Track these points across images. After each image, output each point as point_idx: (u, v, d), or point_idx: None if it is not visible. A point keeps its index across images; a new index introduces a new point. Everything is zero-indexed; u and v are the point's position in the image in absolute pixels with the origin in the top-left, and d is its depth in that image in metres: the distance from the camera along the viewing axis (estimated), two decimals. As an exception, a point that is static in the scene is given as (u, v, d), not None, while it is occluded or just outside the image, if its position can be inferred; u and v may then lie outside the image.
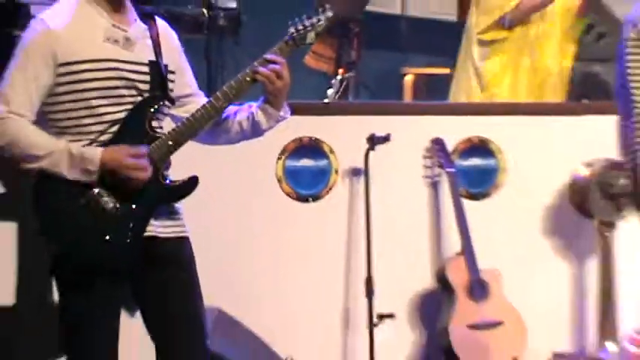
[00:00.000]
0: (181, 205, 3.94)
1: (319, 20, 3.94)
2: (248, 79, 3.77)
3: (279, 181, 6.17)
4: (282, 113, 3.92)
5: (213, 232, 5.16)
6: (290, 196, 6.22)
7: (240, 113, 3.94)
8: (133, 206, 3.72)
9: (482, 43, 7.49)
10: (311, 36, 3.94)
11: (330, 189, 6.27)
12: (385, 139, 6.03)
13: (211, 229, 5.05)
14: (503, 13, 7.36)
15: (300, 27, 3.90)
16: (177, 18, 5.08)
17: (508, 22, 7.39)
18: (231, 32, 7.40)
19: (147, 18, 3.89)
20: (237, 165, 5.54)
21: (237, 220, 6.02)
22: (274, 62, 3.75)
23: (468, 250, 6.09)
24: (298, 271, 6.23)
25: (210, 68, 5.95)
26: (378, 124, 6.20)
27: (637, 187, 4.45)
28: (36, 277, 4.53)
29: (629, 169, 4.49)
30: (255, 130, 3.96)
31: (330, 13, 3.89)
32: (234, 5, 7.51)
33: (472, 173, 6.49)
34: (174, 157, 3.83)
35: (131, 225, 3.73)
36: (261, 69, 3.74)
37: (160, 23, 3.96)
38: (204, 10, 7.15)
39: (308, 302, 6.25)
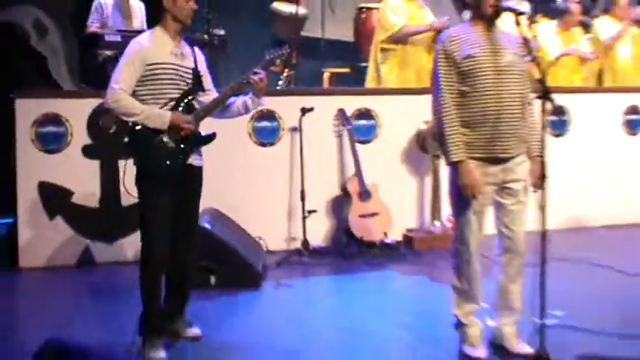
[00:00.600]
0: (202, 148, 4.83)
1: (282, 54, 5.28)
2: (244, 82, 4.81)
3: (249, 134, 7.28)
4: (262, 102, 4.98)
5: (214, 163, 5.43)
6: (256, 144, 7.33)
7: (238, 101, 4.92)
8: (182, 146, 4.64)
9: (381, 50, 8.13)
10: (277, 62, 5.24)
11: (280, 139, 7.38)
12: (311, 109, 7.14)
13: (213, 162, 5.27)
14: (392, 32, 7.99)
15: (272, 56, 5.20)
16: (195, 42, 5.34)
17: (395, 39, 8.02)
18: (221, 50, 8.10)
19: (188, 42, 4.85)
20: (229, 127, 5.78)
21: (228, 155, 6.94)
22: (259, 73, 4.79)
23: (358, 173, 7.14)
24: (262, 186, 7.29)
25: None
26: (308, 101, 7.26)
27: (437, 136, 4.82)
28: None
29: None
30: (246, 111, 5.03)
31: (286, 48, 5.22)
32: (222, 33, 8.13)
33: (361, 129, 7.55)
34: (202, 122, 4.75)
35: (180, 156, 4.65)
36: (253, 77, 4.77)
37: (195, 47, 4.94)
38: (205, 36, 7.83)
39: (269, 204, 7.30)
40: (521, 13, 4.48)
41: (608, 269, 6.64)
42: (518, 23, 4.40)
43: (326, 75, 9.67)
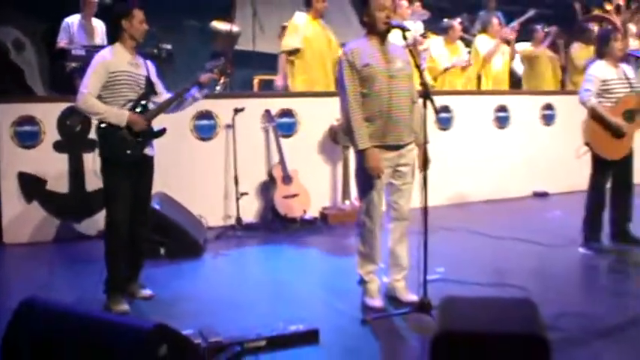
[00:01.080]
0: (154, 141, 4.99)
1: (218, 64, 5.25)
2: (192, 84, 5.04)
3: (191, 131, 7.28)
4: (206, 92, 5.19)
5: (164, 155, 5.41)
6: (197, 138, 7.32)
7: (188, 97, 5.12)
8: (139, 139, 4.81)
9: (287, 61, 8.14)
10: (215, 70, 5.30)
11: (217, 134, 7.36)
12: (242, 109, 7.16)
13: (163, 153, 5.29)
14: (284, 50, 8.07)
15: (211, 66, 5.20)
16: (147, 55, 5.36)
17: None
18: (169, 62, 8.05)
19: (141, 55, 5.00)
20: (175, 124, 5.83)
21: (175, 148, 6.88)
22: (206, 75, 5.08)
23: (282, 161, 7.22)
24: (203, 173, 7.28)
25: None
26: (240, 103, 7.27)
27: (346, 130, 4.87)
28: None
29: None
30: (195, 101, 5.20)
31: (222, 60, 5.29)
32: (169, 47, 8.13)
33: (284, 125, 7.58)
34: (155, 120, 4.91)
35: (137, 147, 4.84)
36: (203, 77, 5.03)
37: (147, 59, 5.11)
38: (155, 50, 7.82)
39: (208, 188, 7.30)
40: (407, 30, 4.64)
41: (482, 235, 6.88)
42: (405, 38, 4.55)
43: (256, 81, 9.72)
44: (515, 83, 10.54)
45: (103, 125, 4.76)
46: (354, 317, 4.61)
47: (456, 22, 9.67)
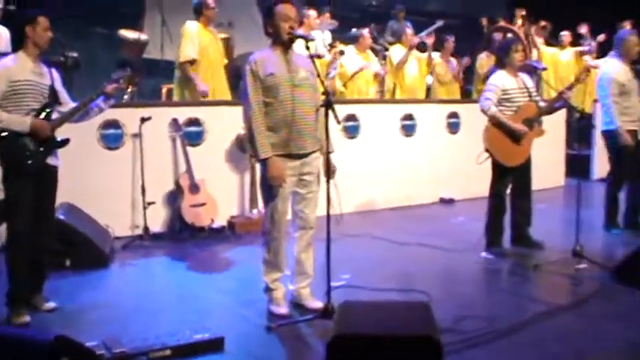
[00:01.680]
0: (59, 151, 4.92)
1: (125, 74, 5.22)
2: (98, 94, 4.97)
3: (98, 140, 7.12)
4: (111, 102, 5.10)
5: (70, 165, 5.39)
6: (104, 148, 7.16)
7: (94, 107, 5.05)
8: (41, 148, 4.73)
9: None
10: (121, 80, 5.27)
11: (124, 143, 7.24)
12: (149, 118, 7.07)
13: (69, 163, 5.26)
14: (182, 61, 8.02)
15: (117, 76, 5.23)
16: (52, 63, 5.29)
17: None
18: (75, 69, 8.11)
19: (46, 63, 4.91)
20: (81, 134, 5.90)
21: (81, 158, 6.73)
22: (111, 86, 4.97)
23: (189, 170, 7.16)
24: (110, 182, 7.13)
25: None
26: (147, 112, 7.18)
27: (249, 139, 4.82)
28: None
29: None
30: (100, 112, 5.12)
31: (128, 70, 5.28)
32: (76, 55, 8.15)
33: (192, 134, 7.52)
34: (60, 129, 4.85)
35: (40, 156, 4.74)
36: (108, 88, 5.02)
37: (52, 68, 4.98)
38: (62, 58, 7.81)
39: (115, 198, 7.16)
40: (311, 40, 4.71)
41: (388, 241, 7.00)
42: (307, 48, 4.59)
43: (164, 90, 9.63)
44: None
45: (3, 134, 4.65)
46: (259, 325, 4.64)
47: (365, 32, 9.84)
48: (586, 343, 4.39)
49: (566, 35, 12.48)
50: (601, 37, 12.18)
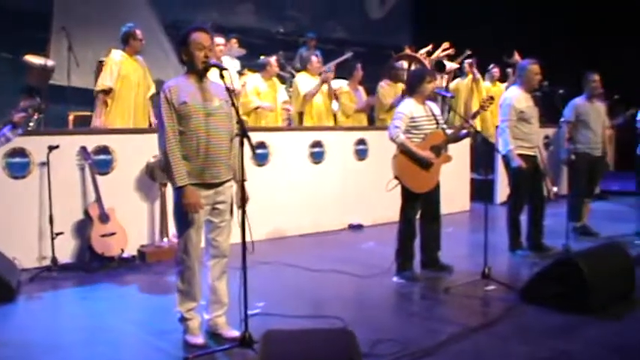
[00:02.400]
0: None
1: (33, 104, 5.23)
2: (5, 123, 4.98)
3: (3, 169, 6.90)
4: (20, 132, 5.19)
5: None
6: (9, 177, 6.94)
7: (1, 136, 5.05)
8: None
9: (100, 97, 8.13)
10: (30, 110, 5.22)
11: (31, 172, 7.02)
12: (57, 147, 6.89)
13: None
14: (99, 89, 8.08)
15: (26, 105, 5.22)
16: None
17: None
18: None
19: None
20: None
21: None
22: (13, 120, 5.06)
23: (98, 199, 7.03)
24: (16, 213, 6.93)
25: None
26: (54, 140, 6.99)
27: (164, 167, 4.73)
28: None
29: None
30: (7, 141, 5.20)
31: (38, 100, 5.21)
32: None
33: (101, 162, 7.36)
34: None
35: None
36: (16, 117, 5.05)
37: None
38: None
39: (22, 228, 6.95)
40: (225, 69, 4.65)
41: (300, 268, 7.00)
42: (222, 76, 4.57)
43: (71, 117, 9.45)
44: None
45: None
46: (175, 356, 4.56)
47: (273, 59, 9.88)
48: (499, 363, 4.48)
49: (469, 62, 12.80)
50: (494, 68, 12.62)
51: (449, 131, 6.78)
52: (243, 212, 4.45)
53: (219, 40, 8.71)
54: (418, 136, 6.52)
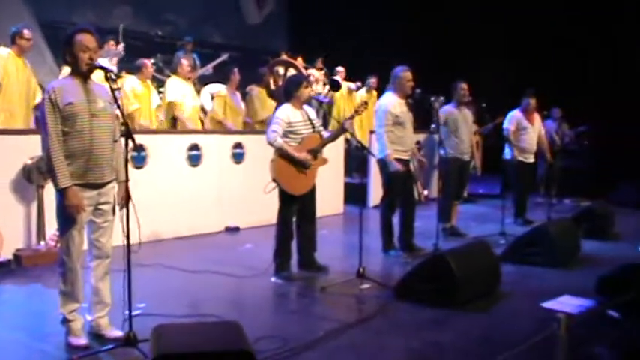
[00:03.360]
0: None
1: None
2: None
3: None
4: None
5: None
6: None
7: None
8: None
9: None
10: None
11: None
12: None
13: None
14: None
15: None
16: None
17: None
18: None
19: None
20: None
21: None
22: None
23: None
24: None
25: None
26: None
27: (47, 168, 4.79)
28: None
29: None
30: None
31: None
32: None
33: None
34: None
35: None
36: None
37: None
38: None
39: None
40: (110, 71, 4.70)
41: (178, 270, 7.06)
42: (107, 78, 4.61)
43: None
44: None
45: None
46: (59, 358, 4.56)
47: (149, 62, 9.91)
48: (375, 355, 4.75)
49: (340, 72, 13.20)
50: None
51: (325, 135, 7.01)
52: (128, 212, 4.52)
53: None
54: (295, 140, 6.70)
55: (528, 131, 10.21)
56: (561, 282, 6.75)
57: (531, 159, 10.38)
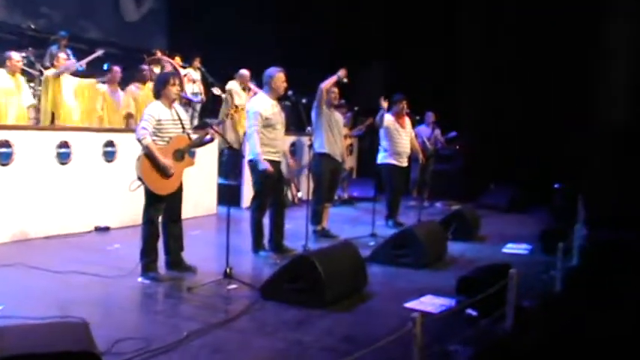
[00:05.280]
0: None
1: None
2: None
3: None
4: None
5: None
6: None
7: None
8: None
9: None
10: None
11: None
12: None
13: None
14: None
15: None
16: None
17: None
18: None
19: None
20: None
21: None
22: None
23: None
24: None
25: None
26: None
27: None
28: None
29: None
30: None
31: None
32: None
33: None
34: None
35: None
36: None
37: None
38: None
39: None
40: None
41: (43, 270, 6.85)
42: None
43: None
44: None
45: None
46: None
47: (16, 54, 9.63)
48: (237, 355, 4.77)
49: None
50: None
51: (194, 136, 6.98)
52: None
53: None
54: (163, 139, 6.65)
55: (401, 134, 10.38)
56: (427, 282, 6.93)
57: (405, 162, 10.54)
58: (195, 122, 11.75)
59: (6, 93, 9.42)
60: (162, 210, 6.81)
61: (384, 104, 10.14)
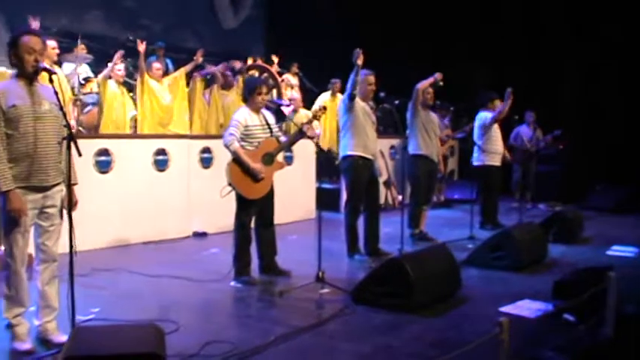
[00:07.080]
0: None
1: None
2: None
3: None
4: None
5: None
6: None
7: None
8: None
9: None
10: None
11: None
12: None
13: None
14: None
15: None
16: None
17: None
18: None
19: None
20: None
21: None
22: None
23: None
24: None
25: None
26: None
27: None
28: None
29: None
30: None
31: None
32: None
33: None
34: None
35: None
36: None
37: None
38: None
39: None
40: (54, 73, 4.65)
41: (141, 275, 7.05)
42: (51, 81, 4.55)
43: None
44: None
45: None
46: (2, 363, 4.51)
47: (121, 65, 9.99)
48: (324, 359, 4.78)
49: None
50: None
51: (283, 139, 7.01)
52: (70, 216, 4.41)
53: (51, 43, 8.73)
54: (252, 144, 6.71)
55: (496, 133, 10.25)
56: (524, 286, 6.77)
57: (498, 162, 10.33)
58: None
59: (116, 102, 9.78)
60: (254, 214, 6.88)
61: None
